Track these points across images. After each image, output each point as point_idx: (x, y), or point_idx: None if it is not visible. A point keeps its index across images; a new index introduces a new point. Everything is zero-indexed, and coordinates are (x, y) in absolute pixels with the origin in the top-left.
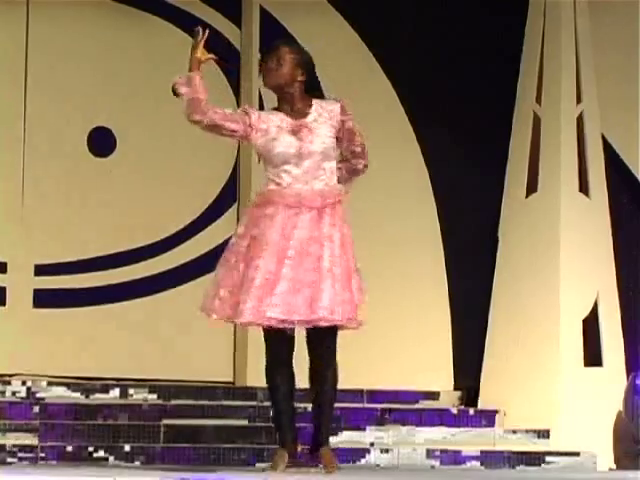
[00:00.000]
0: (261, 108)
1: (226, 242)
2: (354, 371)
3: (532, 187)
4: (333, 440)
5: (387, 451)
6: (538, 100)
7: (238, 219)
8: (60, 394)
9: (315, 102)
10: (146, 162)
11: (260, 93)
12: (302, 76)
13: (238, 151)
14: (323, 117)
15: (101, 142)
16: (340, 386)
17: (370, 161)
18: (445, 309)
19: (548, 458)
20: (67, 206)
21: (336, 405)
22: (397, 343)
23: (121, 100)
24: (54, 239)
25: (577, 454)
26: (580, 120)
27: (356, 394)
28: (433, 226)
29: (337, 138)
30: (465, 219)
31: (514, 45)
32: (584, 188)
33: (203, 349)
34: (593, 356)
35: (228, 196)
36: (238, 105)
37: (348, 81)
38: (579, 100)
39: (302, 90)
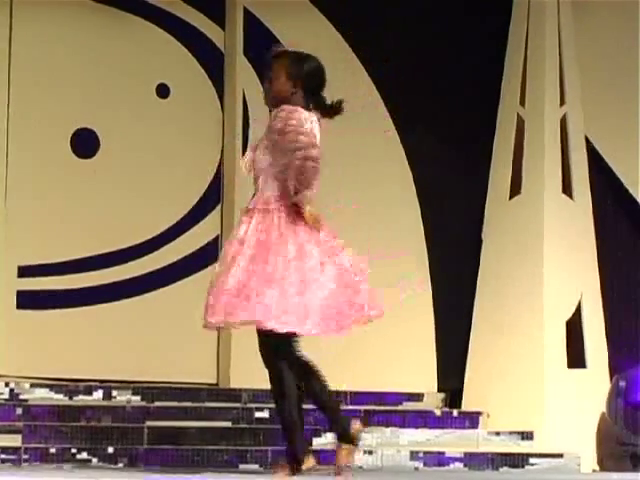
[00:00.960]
0: (245, 109)
1: (210, 243)
2: (337, 372)
3: (516, 189)
4: (317, 441)
5: (370, 453)
6: (522, 102)
7: (222, 220)
8: (43, 396)
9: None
10: (130, 163)
11: (244, 94)
12: (295, 87)
13: (222, 152)
14: None
15: (85, 143)
16: None
17: (353, 163)
18: (429, 311)
19: (532, 460)
20: (50, 207)
21: None
22: (380, 345)
23: (105, 101)
24: (37, 240)
25: (561, 456)
26: (564, 122)
27: (339, 395)
28: (417, 228)
29: None
30: (449, 221)
31: (498, 46)
32: (567, 190)
33: (187, 351)
34: (577, 358)
35: (212, 197)
36: (222, 106)
37: (331, 82)
38: (563, 102)
39: (304, 101)
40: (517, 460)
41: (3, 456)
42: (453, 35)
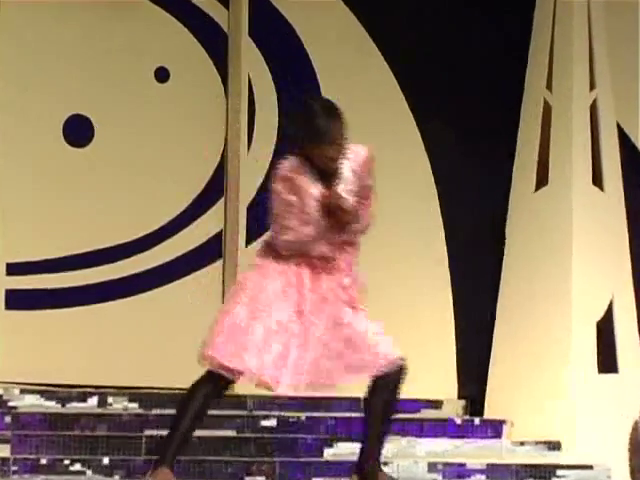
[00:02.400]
0: (250, 95)
1: (212, 238)
2: None
3: (542, 180)
4: (327, 451)
5: (385, 464)
6: (549, 86)
7: (225, 214)
8: (34, 403)
9: None
10: (127, 153)
11: (250, 78)
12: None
13: (225, 141)
14: None
15: (78, 131)
16: (337, 394)
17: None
18: (449, 312)
19: (559, 472)
20: (41, 200)
21: (331, 414)
22: (397, 348)
23: (99, 86)
24: (27, 236)
25: (590, 467)
26: (594, 108)
27: (353, 402)
28: (436, 225)
29: None
30: (470, 217)
31: (523, 27)
32: (598, 181)
33: (187, 354)
34: (608, 362)
35: (215, 189)
36: (226, 92)
37: (346, 67)
38: (593, 86)
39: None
40: (543, 472)
41: None
42: (474, 16)
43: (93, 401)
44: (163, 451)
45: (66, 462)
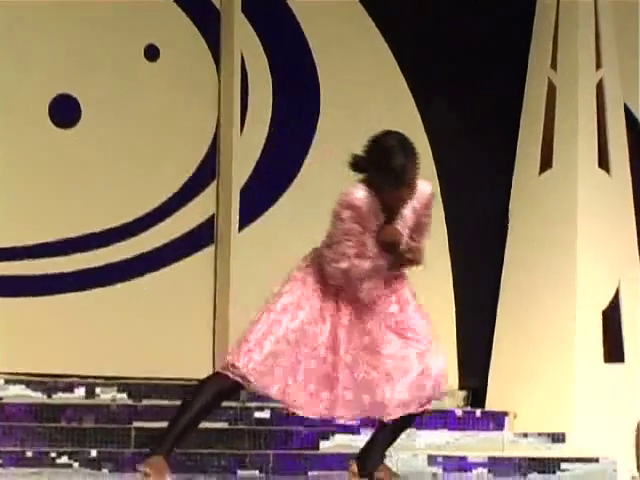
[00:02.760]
0: (243, 74)
1: (204, 223)
2: None
3: (546, 163)
4: (323, 444)
5: (385, 457)
6: (553, 66)
7: (217, 198)
8: (18, 393)
9: None
10: (115, 134)
11: (243, 56)
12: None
13: (218, 121)
14: None
15: (64, 112)
16: None
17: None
18: (449, 300)
19: (563, 465)
20: (24, 183)
21: None
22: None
23: (87, 64)
24: (9, 220)
25: (596, 460)
26: (600, 87)
27: None
28: (436, 211)
29: None
30: (471, 201)
31: (527, 3)
32: (604, 164)
33: (179, 343)
34: (613, 351)
35: (207, 172)
36: (218, 70)
37: (342, 45)
38: (599, 65)
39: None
40: (547, 465)
41: None
42: None
43: (80, 392)
44: (160, 440)
45: (52, 455)
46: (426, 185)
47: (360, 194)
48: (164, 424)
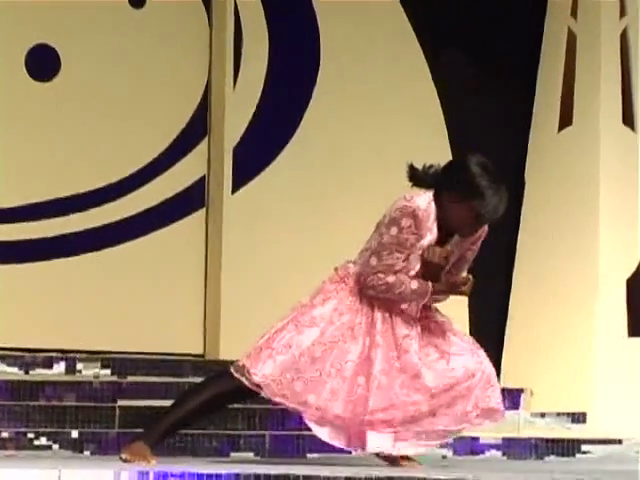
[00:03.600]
0: (237, 22)
1: (194, 185)
2: None
3: (566, 119)
4: None
5: None
6: (573, 13)
7: (209, 157)
8: None
9: None
10: (97, 88)
11: (236, 3)
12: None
13: (209, 74)
14: None
15: (42, 63)
16: None
17: (375, 88)
18: None
19: (584, 447)
20: (0, 142)
21: None
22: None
23: (66, 11)
24: None
25: (619, 442)
26: (624, 37)
27: None
28: None
29: None
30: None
31: None
32: (628, 120)
33: (168, 314)
34: (638, 324)
35: (197, 129)
36: (209, 18)
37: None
38: (623, 13)
39: None
40: (566, 447)
41: None
42: None
43: (60, 367)
44: (148, 430)
45: (30, 435)
46: None
47: (424, 204)
48: (151, 403)
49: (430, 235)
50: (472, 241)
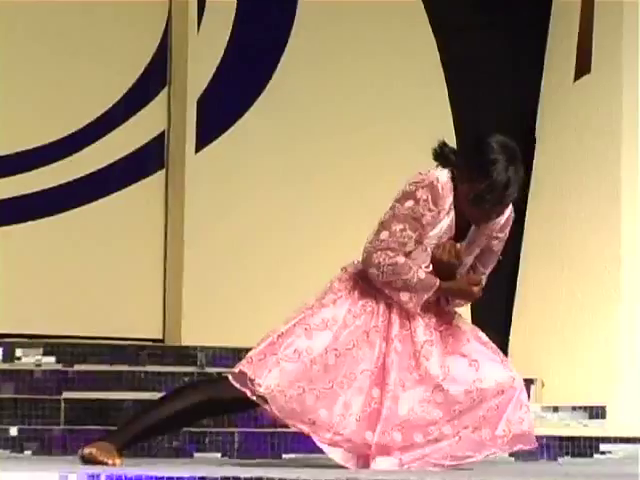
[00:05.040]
0: None
1: (153, 142)
2: None
3: (583, 67)
4: None
5: None
6: None
7: (169, 110)
8: None
9: None
10: (40, 25)
11: None
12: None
13: (169, 15)
14: None
15: None
16: None
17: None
18: None
19: (603, 446)
20: None
21: None
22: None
23: None
24: None
25: None
26: None
27: None
28: (446, 127)
29: None
30: (489, 115)
31: None
32: None
33: (121, 294)
34: None
35: (155, 78)
36: None
37: None
38: None
39: None
40: (583, 446)
41: None
42: None
43: None
44: (116, 432)
45: None
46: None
47: (444, 178)
48: (102, 395)
49: (447, 218)
50: (496, 229)
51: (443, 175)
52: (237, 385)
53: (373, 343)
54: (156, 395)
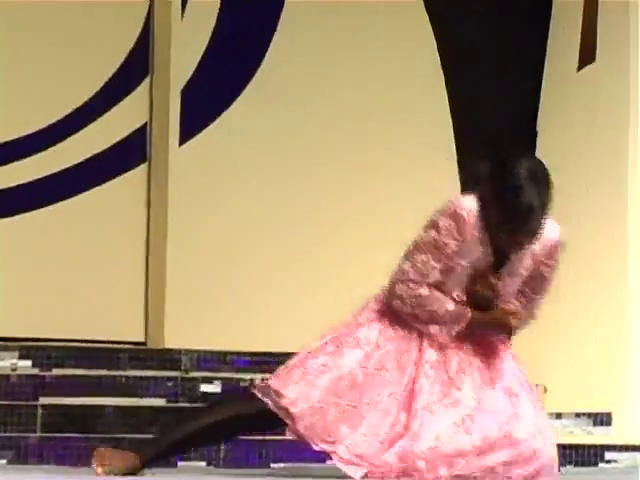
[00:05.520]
0: None
1: (134, 134)
2: None
3: (588, 55)
4: None
5: None
6: None
7: (151, 100)
8: None
9: None
10: (22, 17)
11: None
12: None
13: (151, 2)
14: None
15: None
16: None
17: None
18: None
19: (608, 454)
20: None
21: None
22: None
23: None
24: None
25: None
26: None
27: None
28: (443, 119)
29: None
30: (491, 103)
31: None
32: None
33: (101, 295)
34: None
35: (136, 66)
36: None
37: None
38: None
39: None
40: (587, 455)
41: None
42: None
43: None
44: (145, 444)
45: None
46: (554, 228)
47: (470, 205)
48: (81, 400)
49: (481, 246)
50: (543, 255)
51: (469, 202)
52: (260, 396)
53: (403, 367)
54: (138, 401)
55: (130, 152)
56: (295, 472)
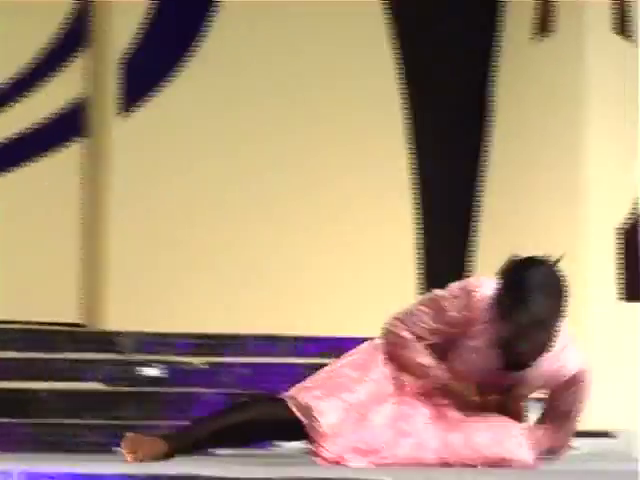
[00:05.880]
0: None
1: (70, 107)
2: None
3: (543, 24)
4: None
5: None
6: None
7: (90, 70)
8: None
9: None
10: None
11: None
12: None
13: None
14: None
15: None
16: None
17: None
18: (408, 226)
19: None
20: None
21: (244, 359)
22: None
23: None
24: None
25: (610, 435)
26: None
27: (274, 341)
28: (391, 96)
29: None
30: (443, 76)
31: None
32: (619, 25)
33: (36, 274)
34: (632, 286)
35: (72, 37)
36: None
37: None
38: None
39: None
40: None
41: None
42: None
43: None
44: (176, 434)
45: None
46: (574, 361)
47: (487, 291)
48: (15, 385)
49: (482, 336)
50: (557, 387)
51: (488, 288)
52: (283, 398)
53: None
54: (75, 385)
55: (66, 126)
56: (242, 459)
